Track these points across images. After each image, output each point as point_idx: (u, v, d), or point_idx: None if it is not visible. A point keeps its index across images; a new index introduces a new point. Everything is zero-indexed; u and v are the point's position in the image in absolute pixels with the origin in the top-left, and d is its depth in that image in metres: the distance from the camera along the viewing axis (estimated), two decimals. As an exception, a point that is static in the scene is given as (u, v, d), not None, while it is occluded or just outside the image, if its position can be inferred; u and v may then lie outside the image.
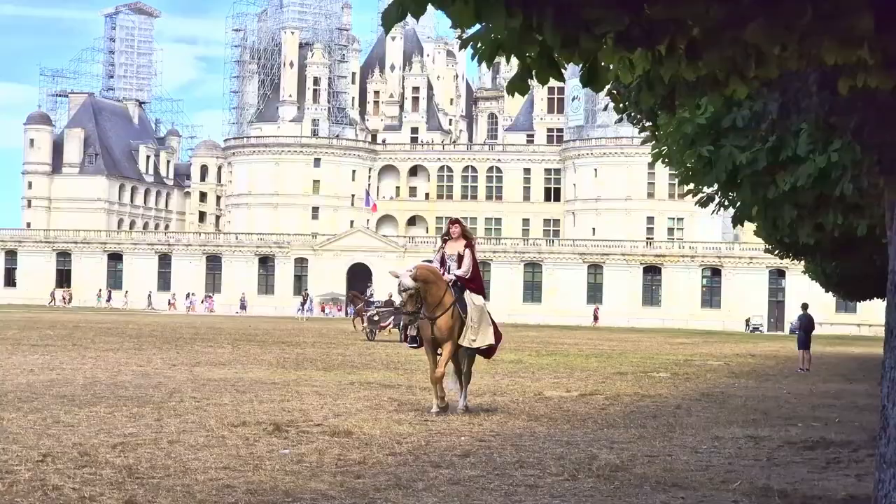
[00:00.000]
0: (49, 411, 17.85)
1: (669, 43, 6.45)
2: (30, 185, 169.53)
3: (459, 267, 20.20)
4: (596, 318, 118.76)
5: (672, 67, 6.60)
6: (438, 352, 19.92)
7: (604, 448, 15.58)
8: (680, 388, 28.68)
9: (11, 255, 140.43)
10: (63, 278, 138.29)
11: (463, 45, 6.58)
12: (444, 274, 20.15)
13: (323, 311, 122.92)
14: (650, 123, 15.76)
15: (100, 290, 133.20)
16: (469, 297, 19.90)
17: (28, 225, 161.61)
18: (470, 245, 20.49)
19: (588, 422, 19.13)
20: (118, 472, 12.12)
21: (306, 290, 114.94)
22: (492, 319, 20.52)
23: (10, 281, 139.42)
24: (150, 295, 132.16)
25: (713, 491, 12.45)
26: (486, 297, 20.74)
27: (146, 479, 11.75)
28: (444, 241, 20.79)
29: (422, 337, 20.05)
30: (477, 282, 20.44)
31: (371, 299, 71.80)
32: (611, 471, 13.43)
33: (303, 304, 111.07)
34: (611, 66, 6.82)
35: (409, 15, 6.30)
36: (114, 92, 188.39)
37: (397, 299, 25.28)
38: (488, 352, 20.49)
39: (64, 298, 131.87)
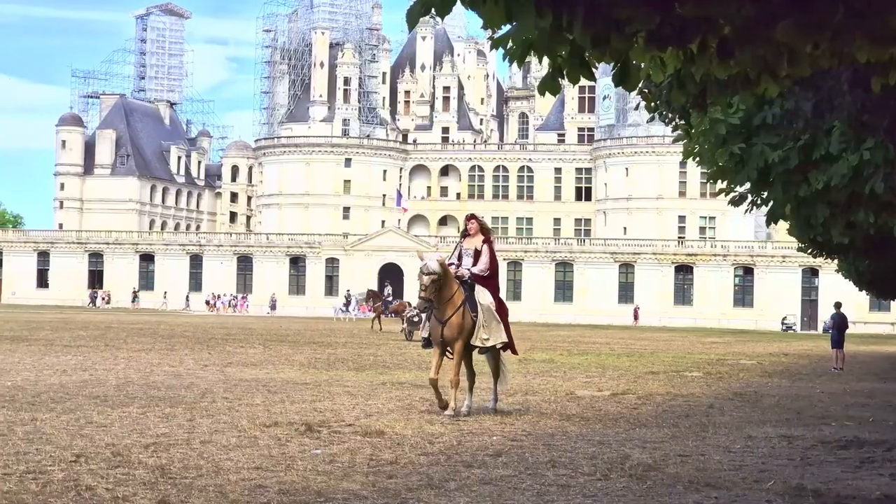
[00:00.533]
0: (82, 412, 17.91)
1: (701, 41, 6.43)
2: (62, 186, 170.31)
3: (475, 262, 19.71)
4: (636, 317, 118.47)
5: (703, 66, 6.58)
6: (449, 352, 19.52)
7: (636, 447, 15.54)
8: (712, 387, 28.58)
9: (44, 256, 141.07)
10: (95, 279, 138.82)
11: (494, 46, 6.58)
12: (456, 269, 19.62)
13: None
14: (682, 122, 15.71)
15: (135, 291, 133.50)
16: (478, 296, 19.42)
17: (60, 226, 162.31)
18: (488, 241, 20.07)
19: (620, 421, 19.08)
20: (151, 473, 12.16)
21: (349, 290, 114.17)
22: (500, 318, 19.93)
23: (43, 282, 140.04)
24: (188, 297, 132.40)
25: (746, 490, 12.40)
26: (498, 291, 20.25)
27: (179, 480, 11.78)
28: (463, 238, 20.31)
29: (432, 338, 19.52)
30: (494, 279, 20.08)
31: (388, 299, 71.91)
32: (643, 470, 13.39)
33: (346, 304, 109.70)
34: (642, 65, 6.80)
35: (436, 13, 6.30)
36: (145, 93, 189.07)
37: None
38: (510, 347, 20.00)
39: (103, 299, 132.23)
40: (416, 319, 56.15)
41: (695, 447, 15.91)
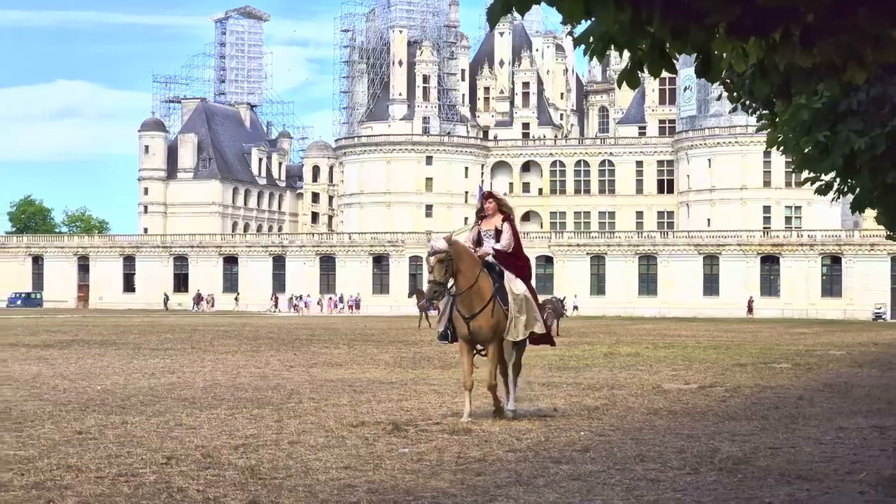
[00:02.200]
0: (171, 414, 18.07)
1: (783, 30, 6.36)
2: (146, 190, 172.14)
3: (497, 242, 17.95)
4: (750, 308, 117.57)
5: (787, 55, 6.51)
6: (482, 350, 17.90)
7: (725, 441, 15.41)
8: (801, 378, 28.30)
9: (130, 260, 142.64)
10: (180, 282, 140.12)
11: (576, 44, 6.55)
12: (479, 249, 17.90)
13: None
14: (765, 111, 15.55)
15: (237, 295, 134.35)
16: (509, 284, 17.66)
17: (145, 230, 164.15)
18: (508, 219, 18.19)
19: (708, 414, 18.93)
20: (241, 474, 12.23)
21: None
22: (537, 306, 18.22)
23: (129, 286, 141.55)
24: (282, 297, 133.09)
25: (839, 482, 12.26)
26: (530, 274, 18.40)
27: (268, 480, 11.85)
28: (480, 220, 18.41)
29: (459, 334, 17.73)
30: (521, 259, 18.30)
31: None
32: (733, 464, 13.28)
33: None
34: (724, 56, 6.74)
35: (516, 11, 6.28)
36: (225, 96, 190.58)
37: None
38: (546, 338, 18.35)
39: (208, 301, 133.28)
40: None
41: (785, 439, 15.75)
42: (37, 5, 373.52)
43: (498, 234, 17.96)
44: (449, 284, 17.32)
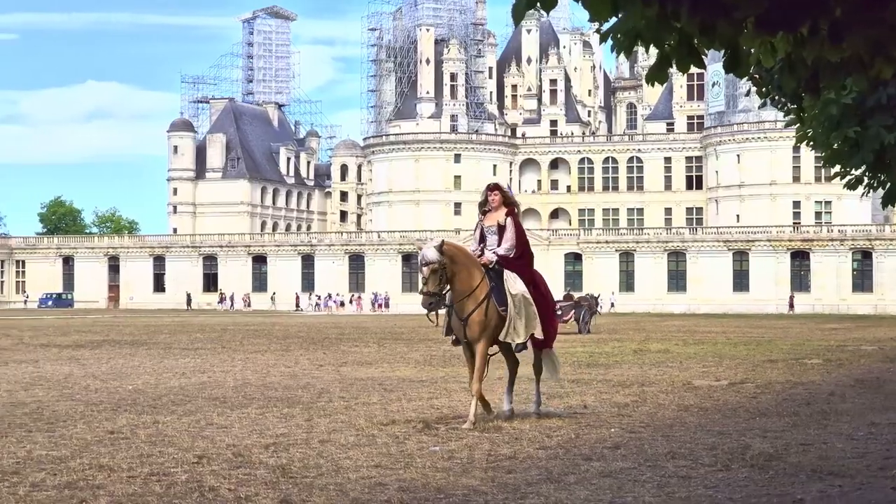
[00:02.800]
0: (202, 413, 18.12)
1: (811, 25, 6.34)
2: (175, 191, 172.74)
3: (500, 240, 17.07)
4: (791, 305, 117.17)
5: (815, 49, 6.50)
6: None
7: (757, 437, 15.37)
8: (833, 374, 28.19)
9: (159, 260, 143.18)
10: (209, 282, 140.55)
11: (602, 39, 6.54)
12: (481, 254, 17.07)
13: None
14: (794, 106, 15.51)
15: (273, 295, 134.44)
16: (507, 284, 16.74)
17: (174, 230, 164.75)
18: (512, 213, 17.25)
19: (739, 411, 18.87)
20: (272, 472, 12.26)
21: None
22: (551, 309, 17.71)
23: (159, 286, 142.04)
24: (303, 297, 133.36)
25: (870, 478, 12.22)
26: (532, 271, 17.36)
27: (300, 479, 11.87)
28: (484, 213, 17.60)
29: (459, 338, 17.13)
30: (524, 258, 17.26)
31: None
32: (765, 460, 13.25)
33: None
34: (752, 51, 6.73)
35: (541, 7, 6.28)
36: (253, 96, 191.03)
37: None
38: (545, 341, 17.42)
39: (245, 301, 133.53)
40: (559, 312, 56.54)
41: (816, 435, 15.69)
42: (69, 7, 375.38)
43: (501, 231, 17.13)
44: (445, 290, 16.67)
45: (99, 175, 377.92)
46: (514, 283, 16.79)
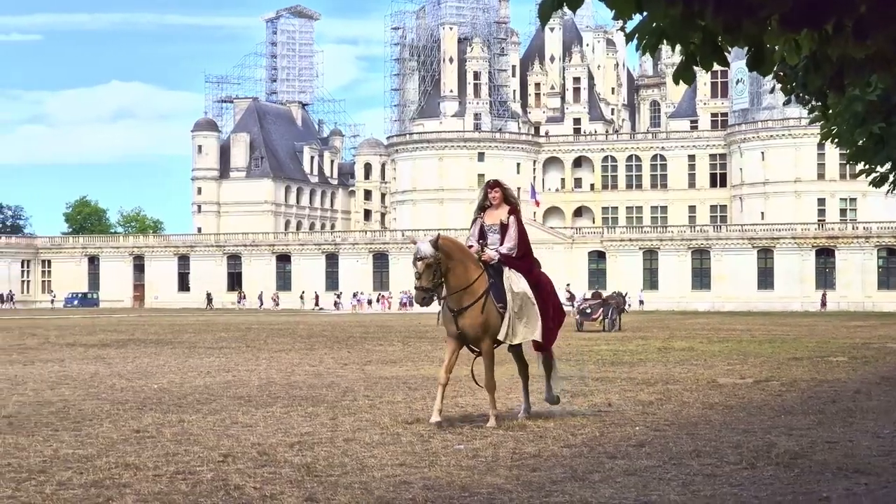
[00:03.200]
0: (227, 412, 18.16)
1: (836, 22, 6.33)
2: (199, 190, 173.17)
3: (502, 239, 16.59)
4: (824, 303, 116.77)
5: (840, 47, 6.49)
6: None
7: (782, 435, 15.33)
8: (858, 371, 28.09)
9: (184, 259, 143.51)
10: (233, 281, 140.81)
11: (628, 39, 6.55)
12: (482, 250, 16.58)
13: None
14: (818, 103, 15.47)
15: (303, 293, 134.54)
16: (508, 281, 16.34)
17: (199, 230, 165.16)
18: (514, 211, 16.73)
19: (764, 409, 18.83)
20: (297, 471, 12.29)
21: (568, 285, 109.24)
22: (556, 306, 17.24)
23: (184, 285, 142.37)
24: (322, 296, 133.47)
25: (897, 476, 12.19)
26: (534, 270, 16.82)
27: (324, 477, 11.89)
28: (483, 210, 16.97)
29: (447, 331, 16.66)
30: (527, 259, 16.80)
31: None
32: (790, 458, 13.22)
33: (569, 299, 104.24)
34: (776, 48, 6.72)
35: (567, 7, 6.29)
36: (277, 95, 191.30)
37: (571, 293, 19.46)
38: (542, 344, 17.02)
39: (273, 300, 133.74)
40: (587, 310, 56.87)
41: (842, 433, 15.65)
42: (93, 8, 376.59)
43: (503, 229, 16.63)
44: (437, 284, 16.23)
45: (124, 175, 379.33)
46: (516, 281, 16.42)
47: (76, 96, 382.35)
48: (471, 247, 16.67)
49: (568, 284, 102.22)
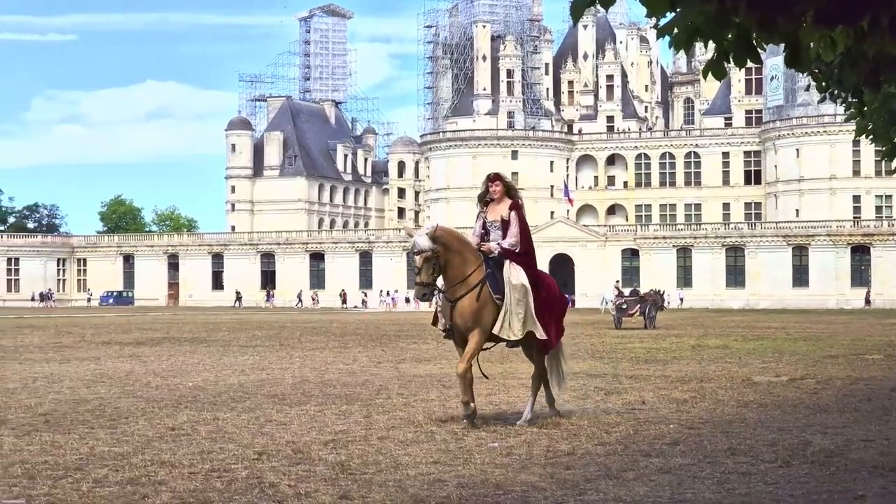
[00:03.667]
0: (262, 410, 18.21)
1: (871, 18, 6.30)
2: (233, 189, 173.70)
3: (504, 234, 16.20)
4: (868, 301, 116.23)
5: (875, 43, 6.45)
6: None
7: (817, 433, 15.27)
8: (894, 369, 27.96)
9: (218, 258, 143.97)
10: (267, 279, 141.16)
11: (660, 35, 6.53)
12: (479, 244, 16.23)
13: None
14: (854, 100, 15.40)
15: (343, 291, 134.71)
16: (507, 273, 15.94)
17: (233, 228, 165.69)
18: (516, 206, 16.35)
19: (800, 407, 18.76)
20: (331, 469, 12.32)
21: (618, 282, 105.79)
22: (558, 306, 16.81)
23: (218, 284, 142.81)
24: (387, 293, 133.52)
25: (933, 475, 12.12)
26: (533, 270, 16.33)
27: (359, 475, 11.92)
28: (485, 205, 16.50)
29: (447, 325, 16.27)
30: (529, 256, 16.36)
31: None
32: (826, 456, 13.17)
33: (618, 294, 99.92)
34: (811, 45, 6.69)
35: (599, 5, 6.28)
36: (310, 94, 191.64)
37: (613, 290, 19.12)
38: (545, 343, 16.45)
39: (313, 299, 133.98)
40: (624, 307, 56.95)
41: (878, 431, 15.58)
42: (128, 8, 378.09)
43: (505, 225, 16.21)
44: (435, 278, 15.85)
45: (158, 174, 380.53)
46: (515, 274, 15.96)
47: (111, 96, 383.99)
48: (478, 245, 16.29)
49: (617, 281, 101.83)
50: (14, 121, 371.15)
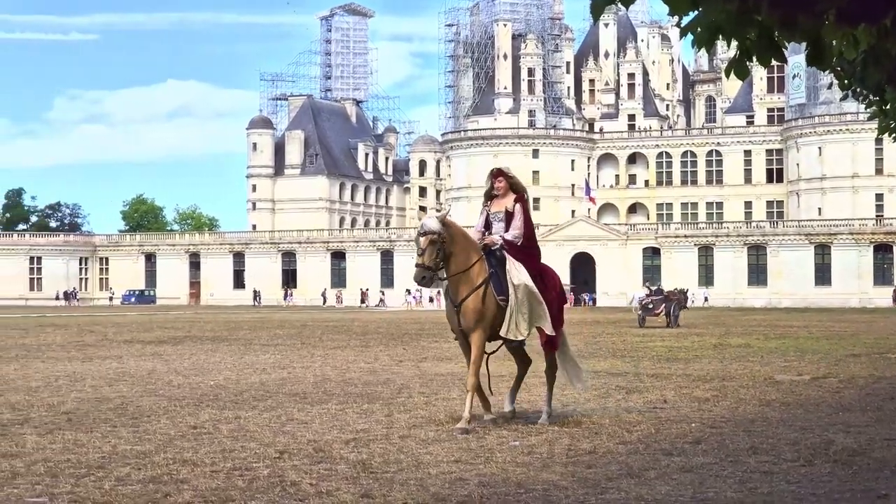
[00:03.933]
0: (283, 409, 18.22)
1: (894, 17, 6.28)
2: (254, 187, 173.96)
3: (507, 227, 15.98)
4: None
5: (898, 41, 6.43)
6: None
7: (840, 432, 15.23)
8: (916, 368, 27.87)
9: (239, 256, 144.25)
10: (289, 278, 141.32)
11: (682, 34, 6.52)
12: (482, 237, 16.03)
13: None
14: (876, 98, 15.35)
15: (362, 290, 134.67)
16: (510, 272, 15.68)
17: (254, 227, 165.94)
18: (521, 199, 16.17)
19: (822, 406, 18.71)
20: (352, 468, 12.32)
21: (648, 284, 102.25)
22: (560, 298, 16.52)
23: (239, 282, 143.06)
24: (409, 291, 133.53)
25: (956, 474, 12.08)
26: (538, 261, 16.25)
27: (380, 474, 11.92)
28: (490, 200, 16.34)
29: (451, 327, 16.11)
30: (531, 249, 16.16)
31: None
32: (848, 455, 13.13)
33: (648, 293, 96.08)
34: (833, 43, 6.67)
35: (620, 3, 6.27)
36: (331, 92, 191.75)
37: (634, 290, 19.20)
38: (548, 341, 16.32)
39: (337, 298, 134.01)
40: (650, 305, 56.86)
41: (900, 430, 15.54)
42: (149, 7, 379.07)
43: (508, 217, 16.00)
44: (439, 262, 15.52)
45: (180, 173, 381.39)
46: (517, 273, 15.71)
47: (133, 95, 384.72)
48: (480, 239, 16.05)
49: (647, 281, 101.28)
50: (36, 120, 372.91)
